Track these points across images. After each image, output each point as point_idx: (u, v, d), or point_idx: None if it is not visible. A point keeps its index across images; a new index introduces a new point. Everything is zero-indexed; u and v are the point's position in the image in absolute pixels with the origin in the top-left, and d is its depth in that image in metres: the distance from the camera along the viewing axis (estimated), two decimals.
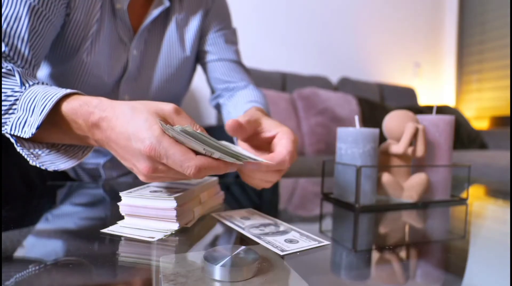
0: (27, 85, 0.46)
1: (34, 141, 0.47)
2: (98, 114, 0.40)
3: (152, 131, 0.35)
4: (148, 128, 0.36)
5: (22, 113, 0.44)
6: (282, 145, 0.45)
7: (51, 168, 0.46)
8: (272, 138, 0.49)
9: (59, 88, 0.44)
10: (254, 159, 0.39)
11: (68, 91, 0.43)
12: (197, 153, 0.37)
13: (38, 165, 0.45)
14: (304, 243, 0.37)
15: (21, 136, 0.43)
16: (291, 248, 0.35)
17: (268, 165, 0.43)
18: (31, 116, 0.43)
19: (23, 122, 0.43)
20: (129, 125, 0.37)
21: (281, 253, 0.33)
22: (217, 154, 0.36)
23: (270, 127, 0.50)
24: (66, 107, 0.42)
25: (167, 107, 0.39)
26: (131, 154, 0.38)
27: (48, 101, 0.42)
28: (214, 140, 0.37)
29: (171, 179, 0.40)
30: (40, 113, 0.42)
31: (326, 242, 0.37)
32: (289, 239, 0.38)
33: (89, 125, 0.41)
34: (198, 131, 0.36)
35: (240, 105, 0.74)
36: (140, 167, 0.37)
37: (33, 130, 0.42)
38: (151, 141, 0.35)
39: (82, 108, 0.41)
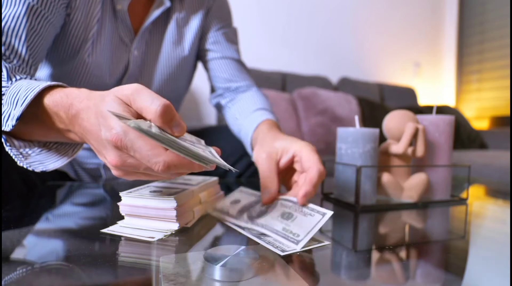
0: (14, 79, 0.46)
1: (25, 140, 0.46)
2: (77, 106, 0.38)
3: (119, 120, 0.32)
4: (116, 116, 0.32)
5: (7, 107, 0.43)
6: (308, 161, 0.46)
7: (38, 169, 0.44)
8: (291, 159, 0.49)
9: (43, 81, 0.43)
10: (223, 164, 0.34)
11: (52, 83, 0.42)
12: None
13: (25, 166, 0.44)
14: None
15: (5, 130, 0.42)
16: (291, 248, 0.35)
17: (313, 184, 0.44)
18: (14, 109, 0.42)
19: (7, 116, 0.42)
20: (98, 114, 0.34)
21: (281, 253, 0.33)
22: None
23: (285, 148, 0.49)
24: (48, 99, 0.41)
25: (126, 91, 0.34)
26: (102, 145, 0.35)
27: (30, 93, 0.40)
28: (179, 141, 0.32)
29: (144, 176, 0.36)
30: (21, 105, 0.40)
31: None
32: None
33: (70, 117, 0.39)
34: (152, 128, 0.31)
35: (248, 114, 0.73)
36: (108, 159, 0.34)
37: (14, 122, 0.41)
38: (117, 130, 0.32)
39: (63, 100, 0.39)
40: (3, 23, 0.52)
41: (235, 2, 1.07)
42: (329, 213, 0.39)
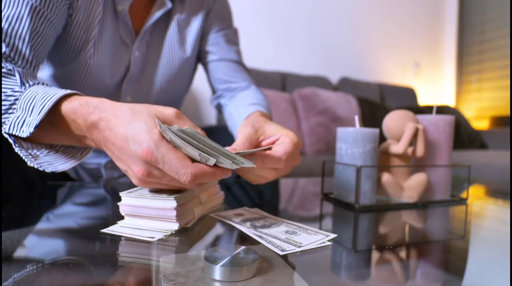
0: (27, 85, 0.46)
1: (32, 141, 0.47)
2: (98, 114, 0.40)
3: (151, 134, 0.35)
4: (147, 131, 0.35)
5: (21, 113, 0.44)
6: (281, 145, 0.46)
7: (49, 169, 0.45)
8: (275, 141, 0.49)
9: (59, 88, 0.44)
10: (250, 165, 0.38)
11: (68, 91, 0.43)
12: (193, 161, 0.36)
13: (35, 166, 0.45)
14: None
15: (19, 135, 0.43)
16: (291, 248, 0.35)
17: (263, 161, 0.43)
18: (30, 116, 0.43)
19: (22, 122, 0.43)
20: (128, 126, 0.37)
21: (281, 253, 0.33)
22: (212, 160, 0.36)
23: (273, 132, 0.49)
24: (66, 106, 0.42)
25: (168, 111, 0.39)
26: (127, 156, 0.37)
27: (48, 101, 0.42)
28: (212, 141, 0.37)
29: (164, 186, 0.39)
30: (39, 113, 0.41)
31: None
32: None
33: (88, 125, 0.40)
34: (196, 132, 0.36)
35: (241, 108, 0.74)
36: (135, 170, 0.37)
37: (31, 129, 0.42)
38: (149, 144, 0.35)
39: (82, 108, 0.41)
40: (6, 25, 0.52)
41: (235, 2, 1.07)
42: (333, 235, 0.39)
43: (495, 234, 0.47)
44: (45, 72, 0.70)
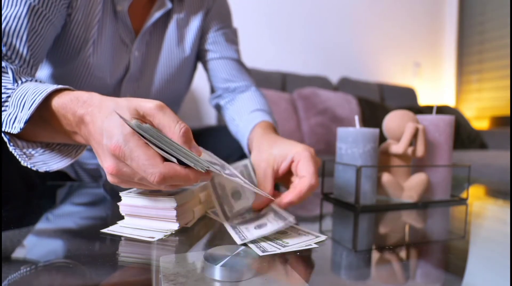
0: (19, 82, 0.46)
1: (27, 140, 0.46)
2: (85, 109, 0.38)
3: (122, 128, 0.33)
4: (120, 125, 0.34)
5: (13, 110, 0.43)
6: (304, 170, 0.46)
7: (42, 169, 0.45)
8: (290, 164, 0.49)
9: (50, 84, 0.43)
10: (217, 170, 0.35)
11: (59, 86, 0.42)
12: (165, 160, 0.34)
13: (29, 166, 0.44)
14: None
15: (11, 132, 0.42)
16: (273, 249, 0.34)
17: (300, 198, 0.44)
18: (21, 112, 0.42)
19: (14, 118, 0.42)
20: (105, 120, 0.35)
21: (261, 254, 0.33)
22: (173, 160, 0.33)
23: (283, 154, 0.49)
24: (56, 102, 0.41)
25: (149, 104, 0.36)
26: (101, 150, 0.36)
27: (38, 96, 0.41)
28: (173, 141, 0.34)
29: (136, 185, 0.37)
30: (29, 108, 0.41)
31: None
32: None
33: (76, 120, 0.39)
34: (155, 129, 0.33)
35: (244, 115, 0.73)
36: (105, 165, 0.35)
37: (22, 125, 0.41)
38: (118, 139, 0.33)
39: (72, 102, 0.40)
40: (4, 24, 0.52)
41: (235, 2, 1.07)
42: (323, 237, 0.38)
43: (495, 234, 0.47)
44: (44, 71, 0.70)
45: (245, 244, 0.35)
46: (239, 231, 0.39)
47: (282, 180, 0.51)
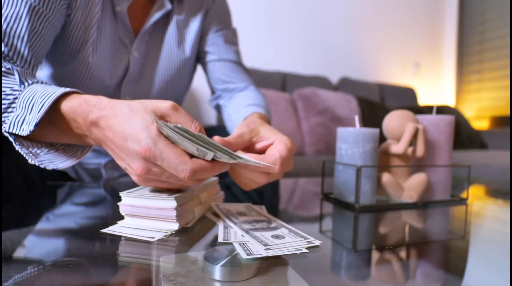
0: (26, 83, 0.46)
1: (33, 140, 0.47)
2: (97, 113, 0.40)
3: (148, 131, 0.35)
4: (144, 128, 0.36)
5: (21, 111, 0.44)
6: (276, 150, 0.45)
7: (49, 167, 0.46)
8: (270, 145, 0.48)
9: (58, 87, 0.44)
10: (247, 160, 0.38)
11: (68, 89, 0.43)
12: (192, 156, 0.36)
13: (37, 164, 0.45)
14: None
15: (19, 134, 0.43)
16: (258, 253, 0.32)
17: (256, 165, 0.41)
18: (29, 114, 0.43)
19: (22, 120, 0.43)
20: (126, 124, 0.37)
21: (245, 256, 0.31)
22: (210, 154, 0.36)
23: (268, 135, 0.48)
24: (65, 105, 0.42)
25: (165, 105, 0.39)
26: (126, 154, 0.38)
27: (47, 99, 0.41)
28: (207, 138, 0.37)
29: (163, 183, 0.39)
30: (39, 111, 0.41)
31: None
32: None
33: (88, 123, 0.41)
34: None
35: (239, 109, 0.73)
36: (134, 168, 0.37)
37: (31, 128, 0.42)
38: (147, 142, 0.35)
39: (81, 106, 0.41)
40: (5, 25, 0.52)
41: (235, 2, 1.07)
42: (317, 242, 0.36)
43: (495, 234, 0.47)
44: (44, 72, 0.70)
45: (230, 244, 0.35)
46: (228, 231, 0.39)
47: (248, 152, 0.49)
